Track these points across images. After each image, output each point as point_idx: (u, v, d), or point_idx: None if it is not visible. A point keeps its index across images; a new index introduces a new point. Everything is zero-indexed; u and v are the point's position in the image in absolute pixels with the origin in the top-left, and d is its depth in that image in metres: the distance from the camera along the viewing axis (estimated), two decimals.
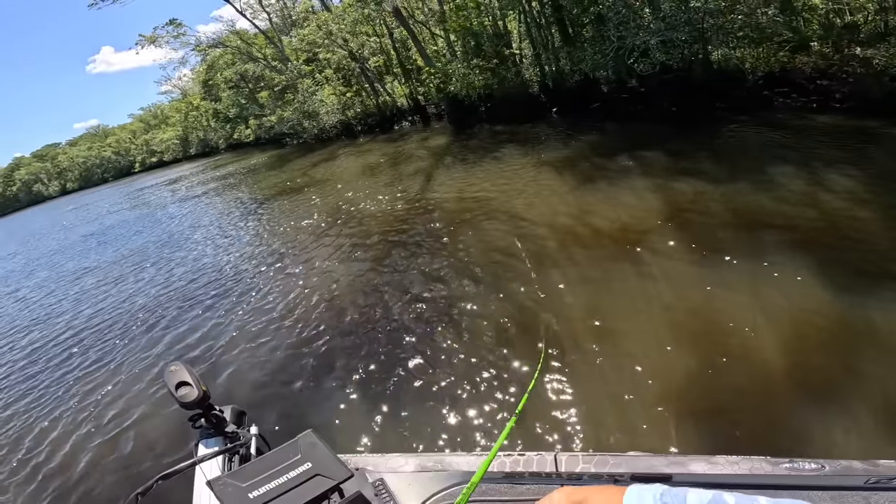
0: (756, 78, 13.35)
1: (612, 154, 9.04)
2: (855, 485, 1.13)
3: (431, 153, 13.83)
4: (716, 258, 4.67)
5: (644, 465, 1.22)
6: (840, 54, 12.87)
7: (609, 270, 4.87)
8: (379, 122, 23.67)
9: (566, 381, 3.50)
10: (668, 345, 3.65)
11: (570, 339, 3.94)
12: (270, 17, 26.60)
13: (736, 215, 5.67)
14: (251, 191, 16.16)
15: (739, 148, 8.96)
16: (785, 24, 13.64)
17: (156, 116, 63.88)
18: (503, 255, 5.77)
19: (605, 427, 3.06)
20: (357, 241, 7.51)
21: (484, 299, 4.89)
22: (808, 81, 13.19)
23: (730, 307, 3.93)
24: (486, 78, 15.14)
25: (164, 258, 10.08)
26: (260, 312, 5.89)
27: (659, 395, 3.18)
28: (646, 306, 4.21)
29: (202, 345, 5.58)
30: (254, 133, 38.42)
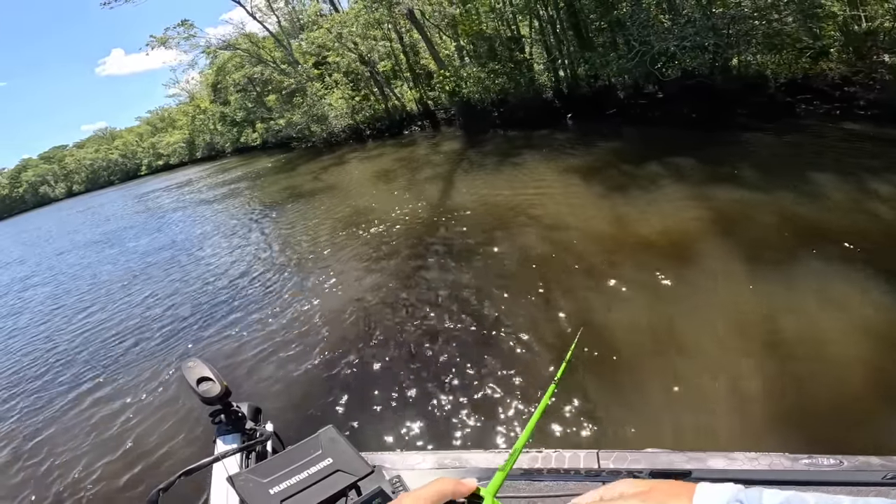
0: (778, 84, 13.08)
1: (640, 161, 8.78)
2: (873, 480, 1.13)
3: (447, 158, 13.57)
4: (773, 267, 4.49)
5: (663, 460, 1.22)
6: (864, 61, 12.59)
7: (662, 282, 4.65)
8: (388, 126, 23.49)
9: (638, 395, 3.30)
10: (739, 355, 3.51)
11: (636, 353, 3.72)
12: (279, 21, 26.53)
13: (786, 224, 5.48)
14: (263, 195, 15.93)
15: (772, 155, 8.68)
16: (805, 31, 13.39)
17: (163, 119, 64.04)
18: (543, 265, 5.51)
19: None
20: (381, 250, 7.23)
21: (528, 313, 4.62)
22: (831, 88, 12.90)
23: (796, 316, 3.78)
24: (504, 82, 14.91)
25: (178, 265, 9.84)
26: (282, 319, 5.65)
27: (741, 406, 3.10)
28: (709, 314, 4.05)
29: (223, 344, 5.51)
30: (261, 137, 38.37)
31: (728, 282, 4.46)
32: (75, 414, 5.01)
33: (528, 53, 15.62)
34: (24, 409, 5.50)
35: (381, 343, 4.75)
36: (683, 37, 9.92)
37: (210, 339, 5.79)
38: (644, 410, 3.22)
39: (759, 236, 5.24)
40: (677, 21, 10.99)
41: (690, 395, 3.26)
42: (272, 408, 4.05)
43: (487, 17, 15.25)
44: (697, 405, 3.17)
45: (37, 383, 6.11)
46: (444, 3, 15.45)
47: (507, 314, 4.65)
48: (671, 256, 5.10)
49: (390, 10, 16.04)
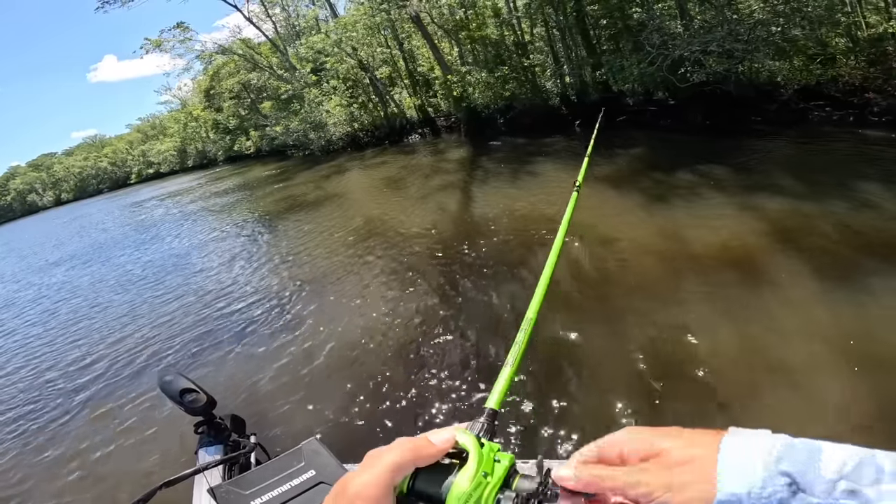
0: (790, 91, 12.89)
1: (670, 169, 8.44)
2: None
3: (458, 166, 13.15)
4: (853, 280, 4.19)
5: None
6: (876, 67, 12.44)
7: (738, 300, 4.29)
8: (387, 134, 23.09)
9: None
10: (842, 375, 3.26)
11: (727, 376, 3.37)
12: (276, 27, 26.13)
13: (844, 234, 5.17)
14: (263, 205, 15.34)
15: (801, 162, 8.39)
16: (813, 37, 13.24)
17: (154, 127, 63.15)
18: (600, 285, 5.06)
19: None
20: (403, 266, 6.70)
21: (595, 337, 4.17)
22: (844, 95, 12.74)
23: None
24: (514, 87, 14.59)
25: (171, 282, 9.24)
26: (277, 334, 5.14)
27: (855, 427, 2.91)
28: (796, 331, 3.75)
29: (211, 358, 5.19)
30: (255, 145, 37.83)
31: (805, 296, 4.16)
32: (53, 430, 4.90)
33: (536, 59, 15.31)
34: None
35: (390, 360, 4.48)
36: (710, 41, 9.63)
37: (199, 352, 5.64)
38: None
39: (822, 247, 4.97)
40: (703, 26, 10.73)
41: (797, 419, 3.04)
42: (257, 419, 4.01)
43: (493, 22, 14.95)
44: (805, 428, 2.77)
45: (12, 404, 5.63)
46: (453, 4, 15.13)
47: (569, 345, 4.19)
48: (738, 271, 4.76)
49: (398, 13, 15.65)
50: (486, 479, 0.47)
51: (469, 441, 0.50)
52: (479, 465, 0.47)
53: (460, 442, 0.50)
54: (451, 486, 0.46)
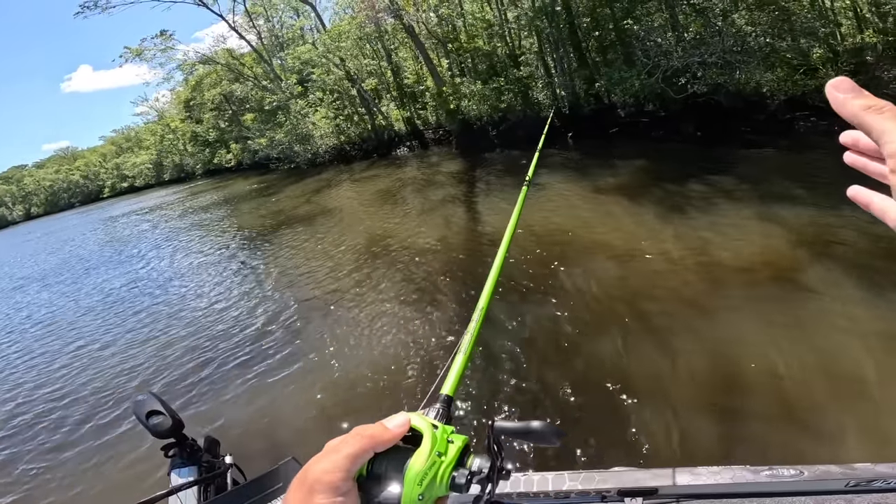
0: (777, 102, 13.16)
1: (678, 179, 8.41)
2: (835, 489, 1.16)
3: (455, 179, 12.94)
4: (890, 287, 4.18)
5: (630, 479, 1.22)
6: (858, 77, 12.79)
7: (783, 313, 4.19)
8: (375, 147, 22.81)
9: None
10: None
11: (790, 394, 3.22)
12: (261, 37, 25.74)
13: (872, 242, 5.13)
14: (251, 220, 14.84)
15: (803, 171, 8.45)
16: (796, 49, 13.58)
17: (128, 139, 61.38)
18: (635, 302, 4.82)
19: None
20: (417, 283, 6.42)
21: (649, 355, 3.97)
22: (829, 105, 13.05)
23: None
24: (510, 99, 14.54)
25: (154, 305, 8.66)
26: (261, 354, 4.82)
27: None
28: (854, 344, 3.66)
29: (186, 379, 4.88)
30: (236, 158, 37.06)
31: (853, 308, 4.10)
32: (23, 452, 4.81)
33: (529, 71, 15.33)
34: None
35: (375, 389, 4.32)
36: (710, 52, 9.72)
37: (175, 374, 5.51)
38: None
39: (852, 255, 4.95)
40: (696, 37, 10.85)
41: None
42: (233, 440, 3.90)
43: (485, 34, 14.94)
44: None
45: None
46: (452, 14, 15.05)
47: (624, 368, 3.98)
48: (777, 284, 4.67)
49: (393, 23, 15.50)
50: (441, 459, 0.50)
51: (423, 424, 0.52)
52: (432, 445, 0.50)
53: (415, 425, 0.52)
54: (407, 468, 0.48)
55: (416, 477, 0.48)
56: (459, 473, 0.50)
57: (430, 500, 0.49)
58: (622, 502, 1.20)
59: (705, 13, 10.57)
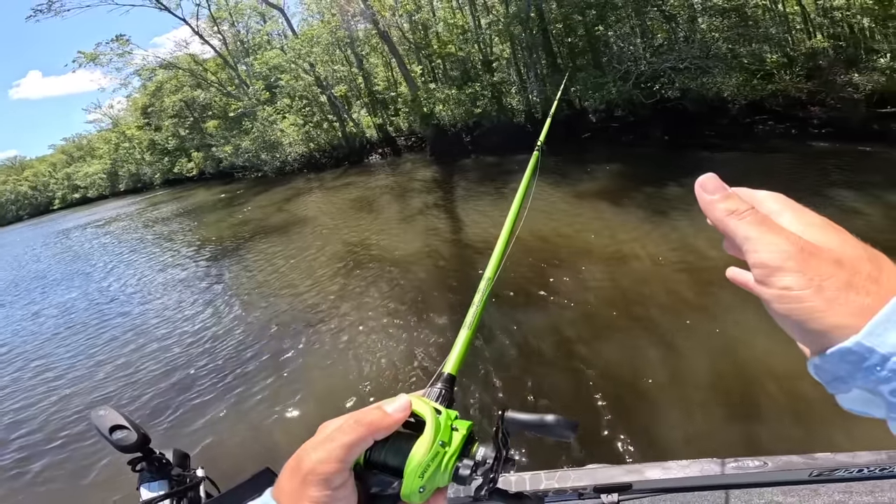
0: (738, 107, 13.72)
1: (654, 182, 8.57)
2: (800, 479, 1.19)
3: (432, 186, 12.81)
4: None
5: (604, 475, 1.24)
6: (812, 81, 13.49)
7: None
8: (347, 154, 22.43)
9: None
10: None
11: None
12: (226, 42, 24.98)
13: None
14: (218, 231, 14.23)
15: (770, 173, 8.83)
16: (753, 55, 14.21)
17: (80, 148, 58.18)
18: (636, 307, 4.79)
19: None
20: (400, 294, 6.24)
21: (659, 362, 3.92)
22: (786, 109, 13.74)
23: None
24: (485, 104, 14.57)
25: (122, 322, 8.08)
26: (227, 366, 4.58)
27: None
28: None
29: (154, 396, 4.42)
30: (197, 167, 35.74)
31: None
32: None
33: (502, 77, 15.45)
34: None
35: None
36: (683, 58, 10.02)
37: (145, 393, 5.30)
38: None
39: None
40: (664, 43, 11.18)
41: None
42: (203, 454, 3.92)
43: (460, 40, 14.97)
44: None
45: None
46: (427, 19, 14.97)
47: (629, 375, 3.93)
48: None
49: (368, 28, 15.29)
50: (444, 449, 0.46)
51: (426, 409, 0.48)
52: (435, 434, 0.46)
53: (416, 410, 0.49)
54: (408, 457, 0.45)
55: (417, 468, 0.45)
56: (464, 465, 0.47)
57: (430, 493, 0.46)
58: (599, 499, 1.23)
59: (674, 19, 10.92)
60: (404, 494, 0.46)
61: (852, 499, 1.19)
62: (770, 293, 0.36)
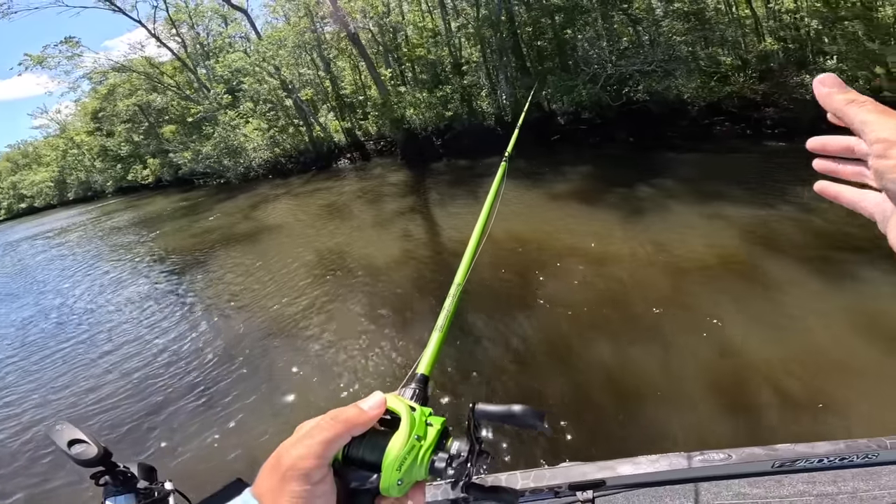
0: (697, 108, 14.25)
1: (624, 183, 8.76)
2: (764, 470, 1.24)
3: (405, 190, 12.65)
4: (844, 275, 4.70)
5: (578, 472, 1.26)
6: (765, 83, 14.17)
7: (751, 303, 4.47)
8: (314, 159, 21.94)
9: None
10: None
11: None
12: (185, 45, 24.05)
13: (812, 235, 5.71)
14: (180, 241, 13.57)
15: (732, 172, 9.17)
16: (710, 57, 14.79)
17: (26, 155, 54.72)
18: (612, 305, 4.87)
19: None
20: (377, 301, 6.10)
21: (640, 359, 3.95)
22: (741, 110, 14.37)
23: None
24: (457, 107, 14.55)
25: (80, 339, 7.54)
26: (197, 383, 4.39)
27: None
28: (826, 324, 4.04)
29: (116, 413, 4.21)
30: (154, 174, 34.23)
31: (810, 292, 4.54)
32: None
33: (472, 80, 15.49)
34: None
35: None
36: (650, 61, 10.29)
37: (111, 409, 5.06)
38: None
39: (798, 249, 5.43)
40: (629, 46, 11.45)
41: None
42: (176, 469, 3.86)
43: (430, 43, 14.91)
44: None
45: None
46: (401, 23, 14.80)
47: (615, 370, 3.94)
48: (740, 278, 4.98)
49: (336, 31, 14.99)
50: (420, 443, 0.48)
51: (400, 406, 0.50)
52: (411, 428, 0.48)
53: (391, 407, 0.50)
54: (385, 452, 0.47)
55: (394, 462, 0.47)
56: (439, 457, 0.49)
57: (409, 486, 0.48)
58: (574, 496, 1.25)
59: (640, 23, 11.21)
60: (383, 488, 0.47)
61: (815, 489, 1.22)
62: (889, 164, 0.41)
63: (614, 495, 1.28)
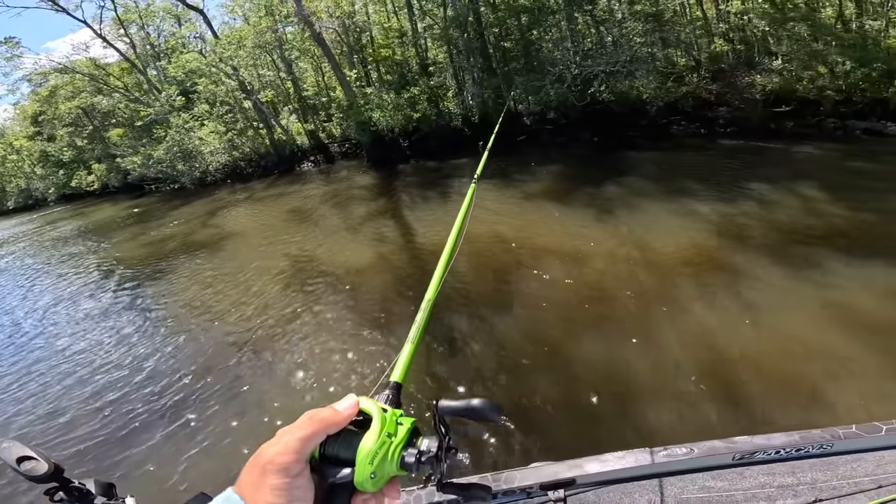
0: (655, 108, 14.72)
1: (593, 182, 8.89)
2: (725, 463, 1.25)
3: (373, 193, 12.38)
4: (806, 264, 4.91)
5: (548, 472, 1.28)
6: (717, 83, 14.79)
7: (729, 292, 4.62)
8: (276, 163, 21.27)
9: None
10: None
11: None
12: (134, 45, 22.81)
13: (775, 228, 6.01)
14: (135, 250, 12.75)
15: (692, 169, 9.47)
16: (665, 57, 15.32)
17: None
18: (600, 300, 4.89)
19: None
20: (356, 304, 5.87)
21: (634, 353, 3.95)
22: (696, 109, 14.96)
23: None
24: (425, 108, 14.40)
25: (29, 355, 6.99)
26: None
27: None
28: (801, 309, 4.21)
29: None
30: (100, 180, 32.28)
31: (778, 281, 4.73)
32: None
33: (439, 80, 15.41)
34: None
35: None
36: (615, 62, 10.50)
37: (69, 431, 4.69)
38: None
39: (765, 241, 5.67)
40: (593, 48, 11.65)
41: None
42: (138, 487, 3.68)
43: (397, 43, 14.72)
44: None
45: None
46: (368, 23, 14.48)
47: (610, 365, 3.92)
48: (713, 271, 5.14)
49: (300, 32, 14.50)
50: (390, 439, 0.51)
51: (372, 407, 0.53)
52: (382, 426, 0.51)
53: (364, 409, 0.54)
54: (358, 448, 0.50)
55: (367, 456, 0.50)
56: (409, 453, 0.52)
57: (382, 480, 0.50)
58: (546, 496, 1.27)
59: (604, 24, 11.44)
60: (357, 481, 0.49)
61: (776, 480, 1.25)
62: None
63: (584, 493, 1.31)
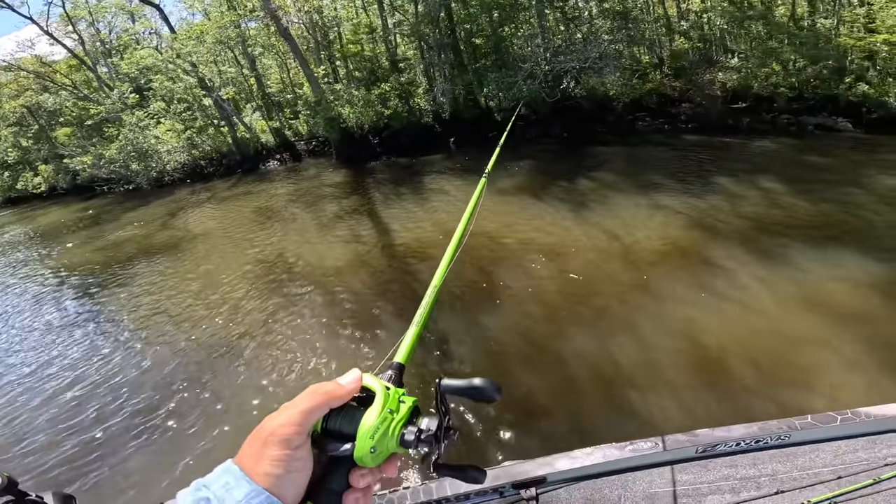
0: (621, 105, 15.02)
1: (566, 177, 8.94)
2: (689, 456, 1.29)
3: (345, 191, 12.06)
4: (777, 254, 5.07)
5: (519, 471, 1.32)
6: (679, 80, 15.23)
7: (706, 282, 4.71)
8: (239, 161, 20.52)
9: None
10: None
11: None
12: (83, 42, 21.48)
13: (743, 219, 6.22)
14: (89, 255, 11.94)
15: (660, 163, 9.69)
16: (631, 56, 15.65)
17: None
18: (583, 294, 4.86)
19: None
20: (336, 305, 5.64)
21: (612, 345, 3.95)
22: (659, 106, 15.36)
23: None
24: (396, 105, 14.13)
25: None
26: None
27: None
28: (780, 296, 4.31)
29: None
30: (47, 181, 30.34)
31: (751, 270, 4.85)
32: None
33: (410, 77, 15.20)
34: None
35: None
36: (586, 58, 10.59)
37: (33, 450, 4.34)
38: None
39: (736, 232, 5.84)
40: (563, 44, 11.73)
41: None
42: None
43: (367, 40, 14.41)
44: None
45: None
46: (337, 17, 14.06)
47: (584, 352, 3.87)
48: (690, 262, 5.24)
49: (266, 28, 13.93)
50: (392, 416, 0.52)
51: (375, 384, 0.54)
52: (384, 402, 0.52)
53: (367, 385, 0.54)
54: (360, 423, 0.51)
55: (368, 431, 0.50)
56: (409, 430, 0.52)
57: (382, 455, 0.51)
58: (518, 494, 1.28)
59: (574, 21, 11.54)
60: (357, 456, 0.50)
61: (739, 472, 1.28)
62: None
63: (556, 491, 1.31)
